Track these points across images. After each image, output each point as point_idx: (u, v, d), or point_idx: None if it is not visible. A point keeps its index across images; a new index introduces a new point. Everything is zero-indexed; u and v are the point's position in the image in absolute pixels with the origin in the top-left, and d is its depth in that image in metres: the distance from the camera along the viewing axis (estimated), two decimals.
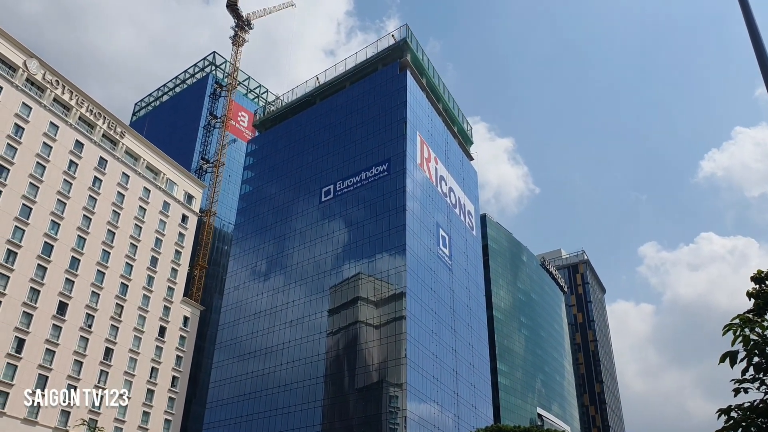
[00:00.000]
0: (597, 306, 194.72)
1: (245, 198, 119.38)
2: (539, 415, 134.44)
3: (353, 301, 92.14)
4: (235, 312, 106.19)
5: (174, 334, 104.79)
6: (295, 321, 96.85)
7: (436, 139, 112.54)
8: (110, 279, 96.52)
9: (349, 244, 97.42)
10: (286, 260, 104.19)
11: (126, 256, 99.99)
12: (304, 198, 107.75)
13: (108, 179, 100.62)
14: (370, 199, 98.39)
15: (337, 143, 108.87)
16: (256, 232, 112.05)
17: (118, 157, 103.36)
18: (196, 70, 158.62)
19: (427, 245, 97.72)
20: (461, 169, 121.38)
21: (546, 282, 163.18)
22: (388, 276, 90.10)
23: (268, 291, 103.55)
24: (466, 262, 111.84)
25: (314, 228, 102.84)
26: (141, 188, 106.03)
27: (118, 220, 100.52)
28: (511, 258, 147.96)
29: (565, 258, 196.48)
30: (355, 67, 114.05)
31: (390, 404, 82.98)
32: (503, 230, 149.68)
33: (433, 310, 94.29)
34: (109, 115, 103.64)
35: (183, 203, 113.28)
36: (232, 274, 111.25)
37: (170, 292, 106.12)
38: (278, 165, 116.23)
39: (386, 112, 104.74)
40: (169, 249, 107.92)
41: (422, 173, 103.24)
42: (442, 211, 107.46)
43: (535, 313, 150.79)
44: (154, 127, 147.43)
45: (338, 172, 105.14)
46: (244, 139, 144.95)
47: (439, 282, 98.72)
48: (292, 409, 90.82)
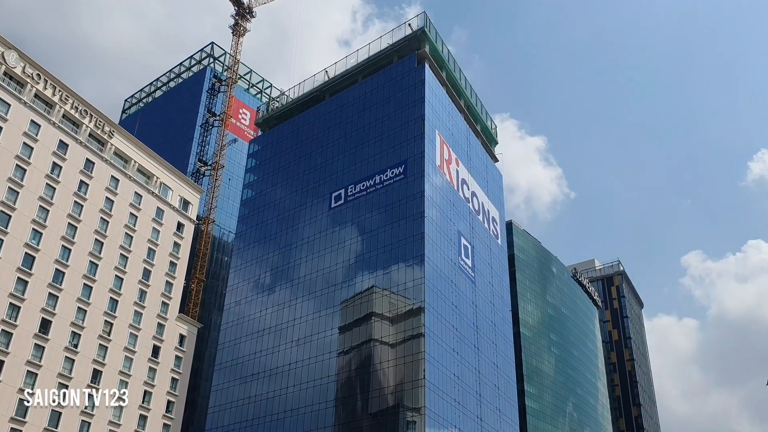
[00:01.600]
0: (634, 321, 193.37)
1: (247, 204, 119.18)
2: None
3: (366, 317, 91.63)
4: (236, 330, 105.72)
5: (169, 355, 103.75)
6: (303, 339, 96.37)
7: (458, 138, 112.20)
8: (98, 294, 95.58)
9: (361, 254, 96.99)
10: (292, 272, 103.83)
11: (115, 268, 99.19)
12: (312, 204, 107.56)
13: (95, 183, 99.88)
14: (384, 204, 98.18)
15: (348, 143, 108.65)
16: (259, 241, 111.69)
17: (107, 159, 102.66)
18: (193, 63, 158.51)
19: (447, 256, 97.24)
20: (485, 172, 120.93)
21: (578, 295, 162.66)
22: (405, 289, 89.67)
23: (273, 306, 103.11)
24: (490, 274, 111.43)
25: (323, 237, 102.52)
26: (132, 193, 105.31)
27: (107, 228, 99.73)
28: (539, 269, 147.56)
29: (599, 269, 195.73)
30: (368, 60, 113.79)
31: (407, 430, 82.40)
32: (531, 239, 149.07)
33: (454, 327, 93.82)
34: (96, 113, 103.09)
35: (178, 210, 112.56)
36: (232, 288, 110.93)
37: (164, 308, 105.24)
38: (283, 167, 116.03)
39: (402, 109, 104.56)
40: (163, 260, 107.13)
41: (442, 176, 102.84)
42: (464, 218, 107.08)
43: (566, 329, 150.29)
44: (146, 126, 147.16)
45: (350, 175, 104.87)
46: (246, 139, 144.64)
47: (460, 296, 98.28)
48: None
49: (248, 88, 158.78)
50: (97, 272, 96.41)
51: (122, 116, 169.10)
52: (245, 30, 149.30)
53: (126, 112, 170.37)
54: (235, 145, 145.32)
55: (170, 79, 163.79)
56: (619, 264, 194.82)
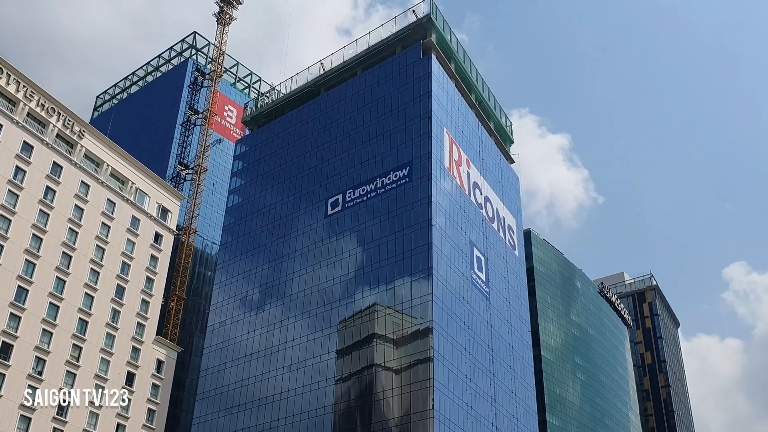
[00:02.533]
0: (669, 343, 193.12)
1: (233, 211, 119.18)
2: None
3: (368, 339, 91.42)
4: (221, 354, 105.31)
5: (145, 383, 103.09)
6: (296, 364, 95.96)
7: (468, 137, 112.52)
8: (65, 314, 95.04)
9: (362, 267, 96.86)
10: (284, 288, 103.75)
11: (85, 285, 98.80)
12: (306, 211, 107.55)
13: (63, 190, 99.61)
14: (387, 211, 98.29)
15: (346, 143, 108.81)
16: (246, 253, 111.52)
17: (76, 163, 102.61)
18: (173, 55, 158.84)
19: (458, 269, 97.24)
20: (499, 175, 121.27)
21: (606, 314, 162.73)
22: (411, 307, 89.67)
23: (262, 327, 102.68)
24: (506, 290, 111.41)
25: (319, 248, 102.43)
26: (104, 200, 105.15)
27: (76, 240, 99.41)
28: (562, 284, 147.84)
29: (629, 283, 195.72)
30: (368, 50, 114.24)
31: None
32: (552, 249, 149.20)
33: (466, 350, 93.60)
34: (65, 111, 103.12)
35: (156, 219, 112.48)
36: (216, 307, 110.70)
37: (140, 330, 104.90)
38: (274, 170, 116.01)
39: (406, 105, 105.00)
40: (139, 276, 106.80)
41: (451, 180, 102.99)
42: (477, 227, 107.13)
43: (592, 352, 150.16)
44: (120, 125, 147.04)
45: (348, 178, 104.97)
46: (232, 140, 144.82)
47: (473, 314, 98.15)
48: None
49: (235, 82, 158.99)
50: (64, 289, 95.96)
51: (94, 114, 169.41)
52: (231, 18, 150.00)
53: (98, 110, 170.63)
54: (220, 146, 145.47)
55: (147, 72, 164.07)
56: (651, 278, 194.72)
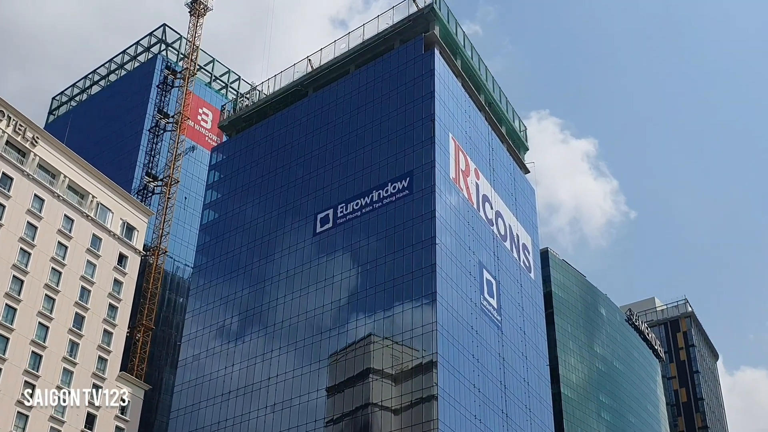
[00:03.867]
0: (707, 377, 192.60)
1: (208, 229, 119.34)
2: None
3: (363, 375, 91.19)
4: (195, 392, 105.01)
5: (107, 426, 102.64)
6: (281, 404, 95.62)
7: (477, 144, 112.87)
8: (16, 346, 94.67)
9: (356, 292, 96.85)
10: (267, 316, 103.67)
11: (39, 313, 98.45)
12: (292, 228, 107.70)
13: (13, 205, 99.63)
14: (384, 228, 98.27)
15: (337, 151, 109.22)
16: (224, 276, 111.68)
17: (29, 174, 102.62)
18: (139, 50, 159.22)
19: (466, 294, 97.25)
20: (512, 186, 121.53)
21: (634, 345, 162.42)
22: (412, 338, 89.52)
23: (242, 361, 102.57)
24: (521, 318, 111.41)
25: (307, 270, 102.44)
26: (60, 217, 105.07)
27: (28, 262, 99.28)
28: (584, 311, 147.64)
29: (661, 310, 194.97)
30: (363, 45, 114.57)
31: None
32: (573, 272, 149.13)
33: (475, 387, 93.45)
34: (16, 115, 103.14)
35: (120, 238, 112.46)
36: (189, 338, 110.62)
37: (102, 365, 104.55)
38: (255, 182, 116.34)
39: (406, 107, 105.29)
40: (101, 303, 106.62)
41: (458, 192, 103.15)
42: (487, 246, 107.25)
43: (619, 389, 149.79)
44: (79, 131, 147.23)
45: (340, 191, 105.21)
46: (207, 147, 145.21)
47: (483, 346, 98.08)
48: None
49: (210, 81, 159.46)
50: (14, 319, 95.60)
51: (49, 118, 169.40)
52: (206, 8, 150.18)
53: (54, 113, 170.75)
54: (194, 155, 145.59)
55: (110, 70, 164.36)
56: (686, 303, 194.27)
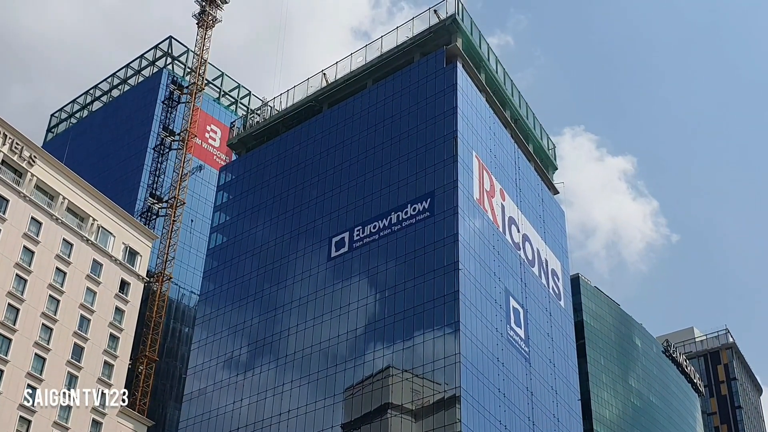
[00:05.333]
0: (750, 413, 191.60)
1: (216, 254, 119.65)
2: None
3: (381, 410, 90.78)
4: (201, 428, 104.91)
5: None
6: None
7: (503, 163, 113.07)
8: (11, 379, 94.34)
9: (374, 321, 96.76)
10: (279, 347, 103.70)
11: (35, 344, 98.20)
12: (305, 252, 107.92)
13: (9, 228, 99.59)
14: (404, 253, 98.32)
15: (354, 170, 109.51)
16: (232, 304, 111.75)
17: (25, 195, 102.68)
18: (144, 64, 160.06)
19: (491, 323, 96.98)
20: (540, 208, 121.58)
21: (671, 378, 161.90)
22: (434, 371, 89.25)
23: (252, 395, 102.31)
24: (551, 349, 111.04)
25: (321, 297, 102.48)
26: (59, 241, 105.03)
27: (24, 289, 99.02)
28: (618, 342, 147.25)
29: (701, 341, 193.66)
30: (381, 58, 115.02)
31: None
32: (606, 299, 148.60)
33: (501, 423, 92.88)
34: (12, 133, 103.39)
35: (122, 263, 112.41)
36: (195, 371, 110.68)
37: (102, 400, 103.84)
38: (266, 203, 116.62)
39: (427, 124, 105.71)
40: (101, 333, 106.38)
41: (482, 214, 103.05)
42: (514, 272, 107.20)
43: (656, 425, 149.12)
44: (79, 150, 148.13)
45: (357, 213, 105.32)
46: (215, 166, 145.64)
47: (510, 379, 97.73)
48: None
49: (219, 97, 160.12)
50: (9, 350, 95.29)
51: (47, 136, 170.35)
52: (215, 20, 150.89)
53: (53, 131, 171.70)
54: (201, 175, 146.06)
55: (113, 85, 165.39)
56: (727, 334, 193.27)
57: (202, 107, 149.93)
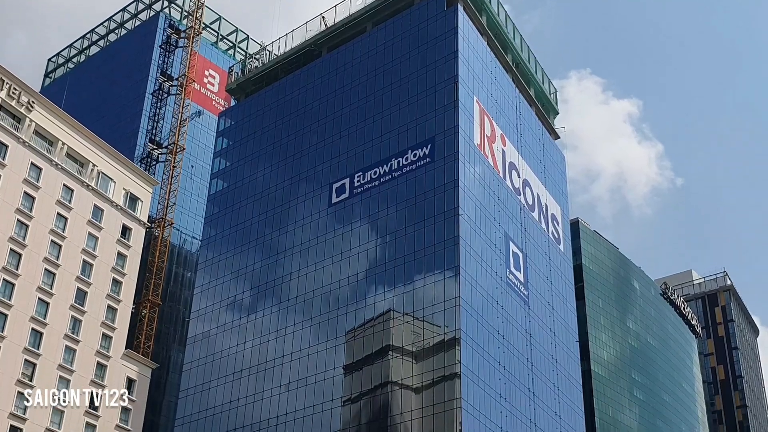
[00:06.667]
0: (747, 354, 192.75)
1: (217, 199, 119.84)
2: None
3: (382, 352, 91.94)
4: (205, 371, 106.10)
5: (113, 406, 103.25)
6: (296, 382, 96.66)
7: (504, 108, 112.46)
8: (15, 324, 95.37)
9: (374, 266, 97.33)
10: (281, 291, 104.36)
11: (38, 288, 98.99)
12: (306, 198, 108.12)
13: (9, 174, 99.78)
14: (405, 199, 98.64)
15: (354, 116, 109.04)
16: (234, 249, 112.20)
17: (25, 141, 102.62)
18: (140, 8, 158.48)
19: (491, 267, 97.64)
20: (541, 153, 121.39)
21: (669, 320, 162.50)
22: (434, 314, 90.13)
23: (255, 338, 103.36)
24: (549, 292, 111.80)
25: (322, 242, 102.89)
26: (59, 186, 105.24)
27: (26, 235, 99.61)
28: (617, 285, 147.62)
29: (699, 283, 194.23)
30: (381, 1, 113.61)
31: None
32: (605, 243, 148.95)
33: (500, 364, 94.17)
34: (9, 77, 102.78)
35: (123, 209, 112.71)
36: (198, 314, 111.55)
37: (106, 343, 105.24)
38: (266, 149, 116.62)
39: (427, 68, 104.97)
40: (104, 278, 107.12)
41: (483, 160, 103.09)
42: (514, 217, 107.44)
43: (653, 366, 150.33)
44: (77, 95, 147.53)
45: (357, 159, 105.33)
46: (214, 112, 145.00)
47: (509, 322, 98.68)
48: None
49: (217, 41, 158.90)
50: (13, 295, 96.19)
51: (45, 82, 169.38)
52: None
53: (50, 76, 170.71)
54: (200, 120, 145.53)
55: (110, 30, 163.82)
56: (725, 276, 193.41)
57: (200, 52, 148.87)
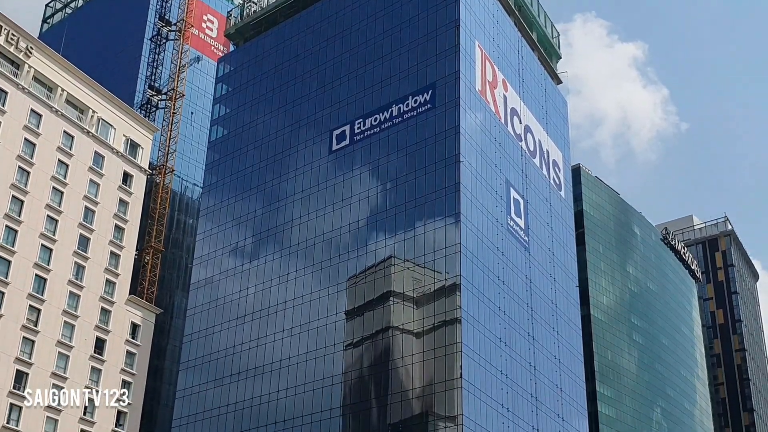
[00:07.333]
0: (746, 299, 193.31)
1: (217, 146, 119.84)
2: None
3: (383, 298, 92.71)
4: (208, 316, 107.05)
5: (118, 350, 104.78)
6: (299, 327, 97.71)
7: (506, 52, 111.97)
8: (18, 270, 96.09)
9: (375, 213, 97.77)
10: (283, 237, 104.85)
11: (41, 235, 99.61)
12: (307, 145, 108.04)
13: (9, 121, 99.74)
14: (405, 146, 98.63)
15: (353, 61, 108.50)
16: (235, 196, 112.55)
17: (24, 87, 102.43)
18: None
19: (491, 214, 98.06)
20: (543, 99, 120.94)
21: (669, 265, 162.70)
22: (435, 260, 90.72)
23: (257, 284, 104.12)
24: (550, 238, 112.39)
25: (323, 189, 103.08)
26: (59, 133, 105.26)
27: (27, 181, 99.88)
28: (617, 231, 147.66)
29: (699, 228, 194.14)
30: None
31: None
32: (606, 189, 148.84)
33: (500, 309, 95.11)
34: (6, 23, 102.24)
35: (124, 155, 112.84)
36: (201, 261, 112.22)
37: (110, 289, 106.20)
38: (266, 95, 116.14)
39: (428, 12, 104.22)
40: (106, 224, 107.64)
41: (484, 106, 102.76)
42: (515, 163, 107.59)
43: (653, 311, 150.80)
44: (76, 41, 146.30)
45: (358, 105, 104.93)
46: (213, 57, 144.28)
47: (510, 267, 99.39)
48: None
49: None
50: (16, 241, 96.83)
51: (43, 27, 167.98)
52: None
53: (48, 22, 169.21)
54: (199, 66, 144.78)
55: None
56: (726, 221, 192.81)
57: None
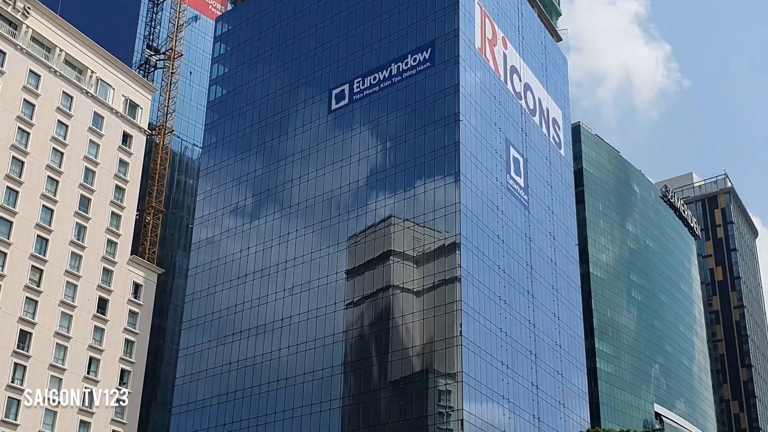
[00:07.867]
0: (745, 256, 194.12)
1: (216, 106, 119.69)
2: (657, 416, 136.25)
3: (383, 257, 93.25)
4: (210, 275, 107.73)
5: (120, 310, 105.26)
6: (299, 286, 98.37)
7: (505, 9, 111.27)
8: (20, 231, 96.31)
9: (375, 172, 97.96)
10: (283, 197, 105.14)
11: (42, 196, 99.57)
12: (306, 104, 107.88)
13: (8, 81, 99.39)
14: (405, 104, 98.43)
15: (352, 20, 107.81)
16: (235, 156, 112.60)
17: (22, 47, 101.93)
18: None
19: (491, 172, 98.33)
20: (543, 56, 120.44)
21: (668, 223, 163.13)
22: (434, 219, 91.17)
23: (258, 243, 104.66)
24: (549, 196, 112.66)
25: (323, 148, 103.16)
26: (59, 93, 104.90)
27: (27, 142, 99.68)
28: (617, 189, 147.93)
29: (699, 186, 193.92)
30: None
31: (439, 403, 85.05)
32: (606, 147, 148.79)
33: (500, 268, 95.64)
34: None
35: (123, 115, 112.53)
36: (202, 220, 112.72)
37: (112, 249, 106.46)
38: (264, 55, 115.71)
39: None
40: (107, 185, 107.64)
41: (484, 64, 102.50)
42: (515, 121, 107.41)
43: (652, 268, 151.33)
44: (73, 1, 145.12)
45: (356, 64, 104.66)
46: (211, 17, 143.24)
47: (509, 226, 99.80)
48: (297, 413, 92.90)
49: None
50: (17, 202, 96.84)
51: None
52: None
53: None
54: (197, 25, 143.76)
55: None
56: (725, 179, 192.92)
57: None
